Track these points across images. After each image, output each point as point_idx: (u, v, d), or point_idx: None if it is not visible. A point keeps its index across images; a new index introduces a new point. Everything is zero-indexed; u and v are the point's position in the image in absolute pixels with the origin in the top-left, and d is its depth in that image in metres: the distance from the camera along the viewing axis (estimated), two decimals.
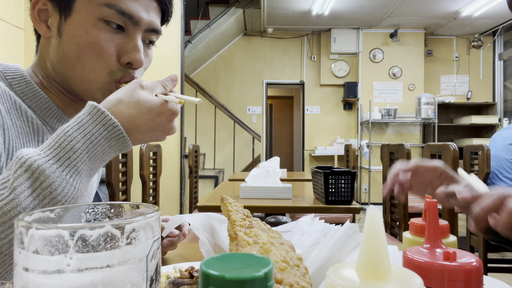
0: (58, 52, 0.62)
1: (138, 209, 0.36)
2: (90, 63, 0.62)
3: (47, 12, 0.62)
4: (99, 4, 0.60)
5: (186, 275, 0.52)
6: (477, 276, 0.36)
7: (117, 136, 0.51)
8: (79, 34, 0.60)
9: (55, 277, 0.26)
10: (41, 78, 0.66)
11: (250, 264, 0.21)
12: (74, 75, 0.63)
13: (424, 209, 0.47)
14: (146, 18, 0.64)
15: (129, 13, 0.61)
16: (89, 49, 0.61)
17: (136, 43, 0.64)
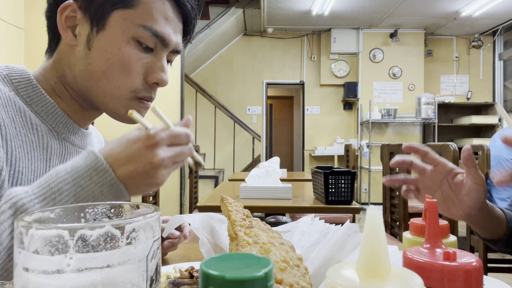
0: (84, 64, 0.62)
1: (138, 209, 0.36)
2: (117, 79, 0.62)
3: (74, 20, 0.62)
4: (136, 24, 0.61)
5: (186, 275, 0.52)
6: (477, 276, 0.36)
7: (108, 182, 0.49)
8: (111, 50, 0.61)
9: (55, 277, 0.26)
10: (53, 84, 0.66)
11: (250, 264, 0.21)
12: (97, 89, 0.63)
13: (424, 209, 0.47)
14: (175, 41, 0.66)
15: (162, 36, 0.63)
16: (119, 66, 0.61)
17: (163, 64, 0.65)
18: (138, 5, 0.61)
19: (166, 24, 0.63)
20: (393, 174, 0.75)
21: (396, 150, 1.97)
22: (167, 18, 0.63)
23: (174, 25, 0.65)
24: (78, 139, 0.70)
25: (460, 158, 1.50)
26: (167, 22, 0.63)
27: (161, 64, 0.65)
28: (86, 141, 0.72)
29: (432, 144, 1.75)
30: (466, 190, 0.69)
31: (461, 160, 0.67)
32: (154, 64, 0.64)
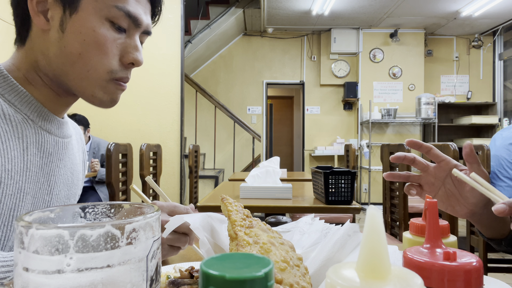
0: (59, 47, 0.62)
1: (138, 209, 0.36)
2: (93, 61, 0.62)
3: (45, 4, 0.62)
4: (108, 4, 0.61)
5: (186, 275, 0.52)
6: (477, 276, 0.36)
7: None
8: (86, 32, 0.61)
9: (55, 277, 0.26)
10: (25, 73, 0.65)
11: (250, 264, 0.21)
12: (73, 72, 0.62)
13: (424, 209, 0.47)
14: (146, 21, 0.67)
15: (135, 16, 0.63)
16: (95, 48, 0.61)
17: (137, 44, 0.66)
18: None
19: (137, 4, 0.64)
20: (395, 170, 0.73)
21: (396, 150, 1.97)
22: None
23: (144, 6, 0.66)
24: (54, 127, 0.69)
25: (460, 158, 1.50)
26: (138, 2, 0.64)
27: (135, 44, 0.65)
28: (62, 130, 0.72)
29: (432, 144, 1.75)
30: (470, 187, 0.68)
31: (463, 157, 0.66)
32: (128, 45, 0.65)
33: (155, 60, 3.49)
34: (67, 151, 0.74)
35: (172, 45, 3.49)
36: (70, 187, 0.75)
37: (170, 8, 3.48)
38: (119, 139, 3.46)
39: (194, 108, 5.47)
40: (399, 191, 1.93)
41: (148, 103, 3.50)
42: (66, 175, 0.73)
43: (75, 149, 0.79)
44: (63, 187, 0.72)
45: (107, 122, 3.50)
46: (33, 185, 0.64)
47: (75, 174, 0.78)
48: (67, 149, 0.74)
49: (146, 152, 2.07)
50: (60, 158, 0.71)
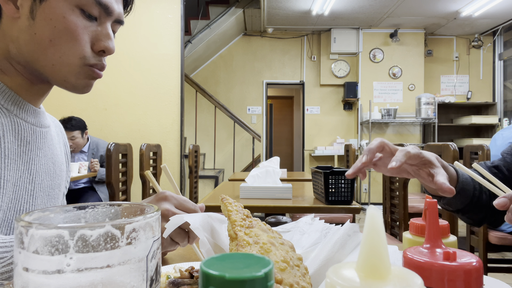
0: (29, 34, 0.62)
1: (138, 209, 0.36)
2: (64, 47, 0.62)
3: None
4: None
5: (186, 275, 0.52)
6: (477, 276, 0.36)
7: None
8: (56, 18, 0.61)
9: (55, 277, 0.26)
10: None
11: (250, 264, 0.21)
12: (44, 58, 0.63)
13: (424, 209, 0.47)
14: (117, 10, 0.67)
15: (105, 4, 0.64)
16: (66, 34, 0.62)
17: (108, 32, 0.66)
18: None
19: None
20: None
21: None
22: None
23: None
24: (30, 116, 0.69)
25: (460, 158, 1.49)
26: None
27: (107, 32, 0.66)
28: (39, 119, 0.72)
29: (432, 144, 1.75)
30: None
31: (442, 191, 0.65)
32: (99, 32, 0.65)
33: (155, 60, 3.49)
34: (46, 140, 0.73)
35: (172, 45, 3.49)
36: (53, 177, 0.75)
37: (170, 8, 3.48)
38: (119, 139, 3.46)
39: (194, 108, 5.47)
40: (399, 191, 1.93)
41: (148, 103, 3.50)
42: (47, 164, 0.73)
43: (55, 140, 0.79)
44: (45, 176, 0.72)
45: (107, 122, 3.50)
46: (13, 172, 0.64)
47: (57, 164, 0.77)
48: (46, 138, 0.73)
49: (146, 152, 2.07)
50: (39, 147, 0.71)
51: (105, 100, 3.49)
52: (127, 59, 3.49)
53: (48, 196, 0.73)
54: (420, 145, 5.98)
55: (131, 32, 3.45)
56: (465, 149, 2.06)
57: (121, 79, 3.49)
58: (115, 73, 3.48)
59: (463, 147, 2.11)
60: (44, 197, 0.71)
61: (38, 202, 0.69)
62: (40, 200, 0.70)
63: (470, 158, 2.01)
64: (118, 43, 3.45)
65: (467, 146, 2.04)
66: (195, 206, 0.67)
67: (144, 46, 3.49)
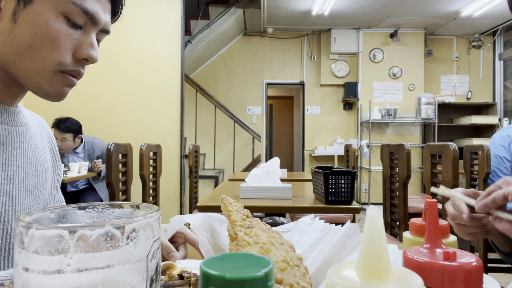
0: (8, 37, 0.61)
1: (138, 209, 0.36)
2: (43, 53, 0.62)
3: None
4: (65, 0, 0.61)
5: (176, 278, 0.52)
6: (477, 276, 0.36)
7: None
8: (39, 24, 0.60)
9: (55, 277, 0.26)
10: None
11: (250, 264, 0.21)
12: (20, 62, 0.62)
13: (424, 209, 0.47)
14: (104, 20, 0.66)
15: (92, 13, 0.63)
16: (46, 40, 0.61)
17: (92, 41, 0.66)
18: None
19: (96, 2, 0.64)
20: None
21: (396, 150, 1.97)
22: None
23: (103, 4, 0.66)
24: (4, 117, 0.68)
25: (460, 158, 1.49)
26: (97, 1, 0.64)
27: (91, 41, 0.65)
28: (15, 118, 0.71)
29: (432, 144, 1.75)
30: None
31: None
32: (83, 41, 0.65)
33: (155, 60, 3.49)
34: (24, 139, 0.72)
35: (172, 45, 3.49)
36: (35, 176, 0.74)
37: (170, 8, 3.48)
38: (119, 139, 3.46)
39: (194, 108, 5.47)
40: (399, 191, 1.93)
41: (148, 103, 3.50)
42: (27, 163, 0.72)
43: (36, 137, 0.77)
44: (25, 176, 0.71)
45: (107, 122, 3.50)
46: None
47: (39, 162, 0.76)
48: (24, 137, 0.72)
49: (146, 152, 2.07)
50: (16, 147, 0.70)
51: (105, 100, 3.49)
52: (127, 59, 3.49)
53: (32, 195, 0.71)
54: (420, 145, 5.99)
55: (131, 32, 3.45)
56: (465, 149, 2.06)
57: (121, 79, 3.49)
58: (115, 73, 3.48)
59: (463, 147, 2.11)
60: (27, 197, 0.70)
61: (19, 202, 0.68)
62: (22, 200, 0.69)
63: (470, 158, 2.01)
64: (118, 43, 3.45)
65: (467, 146, 2.04)
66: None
67: (144, 46, 3.49)
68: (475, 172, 1.95)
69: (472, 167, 2.00)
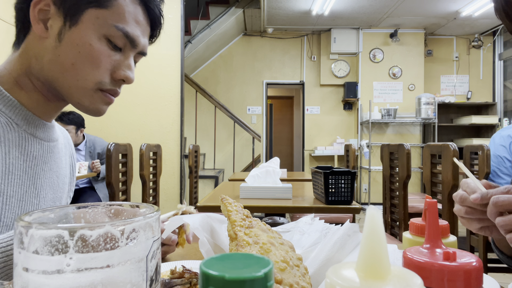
0: (53, 55, 0.63)
1: (138, 209, 0.36)
2: (84, 72, 0.64)
3: (47, 13, 0.63)
4: (109, 23, 0.64)
5: (178, 275, 0.52)
6: (477, 276, 0.36)
7: None
8: (82, 44, 0.63)
9: (55, 277, 0.26)
10: (16, 76, 0.67)
11: (250, 264, 0.21)
12: (63, 79, 0.64)
13: (424, 209, 0.47)
14: (142, 43, 0.69)
15: (132, 37, 0.66)
16: (88, 60, 0.64)
17: (130, 63, 0.69)
18: (112, 6, 0.64)
19: (137, 26, 0.67)
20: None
21: (396, 150, 1.98)
22: (138, 21, 0.67)
23: (143, 28, 0.69)
24: (40, 131, 0.70)
25: (460, 158, 1.49)
26: (138, 25, 0.67)
27: (129, 63, 0.68)
28: (49, 133, 0.73)
29: (432, 144, 1.76)
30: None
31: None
32: (122, 62, 0.67)
33: (155, 60, 3.49)
34: (52, 154, 0.75)
35: (172, 45, 3.49)
36: (56, 190, 0.76)
37: (170, 8, 3.48)
38: (119, 139, 3.46)
39: (194, 108, 5.47)
40: (399, 191, 1.93)
41: (148, 103, 3.50)
42: (52, 178, 0.74)
43: (61, 152, 0.80)
44: (49, 190, 0.73)
45: (107, 122, 3.50)
46: (17, 188, 0.65)
47: (61, 177, 0.79)
48: (52, 152, 0.75)
49: (146, 152, 2.07)
50: (45, 161, 0.72)
51: None
52: None
53: None
54: (420, 145, 5.99)
55: None
56: (465, 149, 2.06)
57: None
58: None
59: (463, 147, 2.11)
60: None
61: None
62: None
63: (470, 158, 2.01)
64: None
65: (467, 146, 2.04)
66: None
67: None
68: (475, 172, 1.95)
69: (472, 167, 2.00)
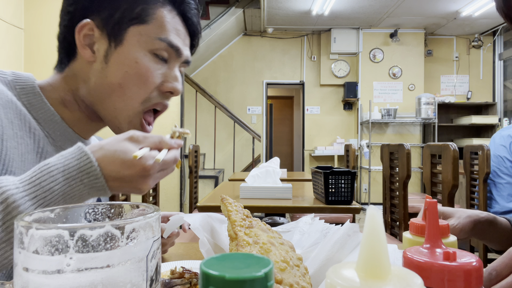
0: (100, 77, 0.64)
1: (138, 209, 0.36)
2: (131, 92, 0.64)
3: (92, 37, 0.64)
4: (152, 37, 0.64)
5: (178, 275, 0.52)
6: (477, 276, 0.36)
7: (98, 186, 0.52)
8: (129, 63, 0.63)
9: (55, 277, 0.26)
10: (62, 95, 0.68)
11: (250, 264, 0.21)
12: (109, 101, 0.65)
13: (424, 209, 0.47)
14: (186, 51, 0.70)
15: (176, 46, 0.66)
16: (136, 78, 0.64)
17: (176, 74, 0.69)
18: (152, 20, 0.64)
19: (178, 36, 0.67)
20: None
21: (396, 150, 1.98)
22: (178, 30, 0.67)
23: (183, 38, 0.69)
24: None
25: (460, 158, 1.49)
26: (178, 34, 0.67)
27: (175, 74, 0.68)
28: None
29: (432, 144, 1.75)
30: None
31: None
32: (168, 74, 0.67)
33: None
34: None
35: None
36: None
37: None
38: None
39: (194, 108, 5.47)
40: (399, 191, 1.93)
41: None
42: None
43: None
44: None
45: None
46: None
47: None
48: None
49: None
50: None
51: None
52: None
53: None
54: (420, 145, 5.99)
55: None
56: (465, 149, 2.06)
57: None
58: None
59: (463, 147, 2.11)
60: None
61: None
62: None
63: (470, 158, 2.01)
64: None
65: (467, 146, 2.04)
66: (174, 156, 0.59)
67: None
68: (475, 172, 1.95)
69: (472, 167, 2.00)
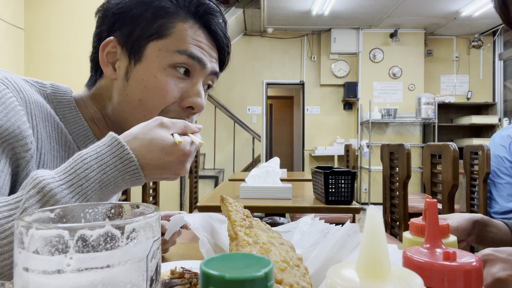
0: (122, 95, 0.64)
1: (138, 209, 0.36)
2: (151, 105, 0.64)
3: (115, 55, 0.64)
4: (171, 51, 0.63)
5: (178, 276, 0.52)
6: (477, 276, 0.36)
7: (132, 171, 0.52)
8: (147, 78, 0.63)
9: (55, 277, 0.26)
10: (92, 112, 0.68)
11: (250, 264, 0.21)
12: (132, 118, 0.65)
13: (424, 209, 0.47)
14: (210, 63, 0.68)
15: (198, 57, 0.65)
16: (154, 92, 0.63)
17: (199, 89, 0.67)
18: (171, 34, 0.63)
19: (199, 47, 0.66)
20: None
21: (396, 150, 1.98)
22: (200, 42, 0.66)
23: (208, 50, 0.68)
24: None
25: (460, 158, 1.49)
26: (200, 46, 0.66)
27: (197, 89, 0.66)
28: None
29: (432, 144, 1.76)
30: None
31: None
32: (190, 89, 0.66)
33: None
34: None
35: None
36: None
37: None
38: None
39: None
40: (399, 191, 1.93)
41: None
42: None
43: None
44: None
45: None
46: None
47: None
48: None
49: None
50: None
51: None
52: None
53: None
54: (420, 145, 5.99)
55: None
56: (465, 149, 2.06)
57: None
58: None
59: (463, 147, 2.11)
60: None
61: None
62: None
63: (470, 158, 2.01)
64: None
65: (467, 146, 2.04)
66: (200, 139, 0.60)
67: None
68: (475, 172, 1.95)
69: (472, 167, 2.00)
